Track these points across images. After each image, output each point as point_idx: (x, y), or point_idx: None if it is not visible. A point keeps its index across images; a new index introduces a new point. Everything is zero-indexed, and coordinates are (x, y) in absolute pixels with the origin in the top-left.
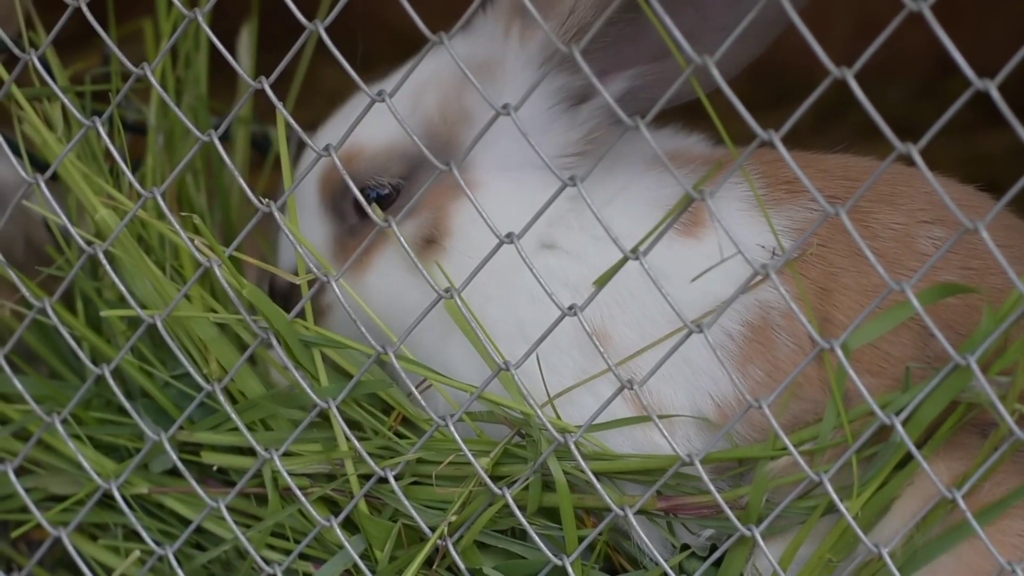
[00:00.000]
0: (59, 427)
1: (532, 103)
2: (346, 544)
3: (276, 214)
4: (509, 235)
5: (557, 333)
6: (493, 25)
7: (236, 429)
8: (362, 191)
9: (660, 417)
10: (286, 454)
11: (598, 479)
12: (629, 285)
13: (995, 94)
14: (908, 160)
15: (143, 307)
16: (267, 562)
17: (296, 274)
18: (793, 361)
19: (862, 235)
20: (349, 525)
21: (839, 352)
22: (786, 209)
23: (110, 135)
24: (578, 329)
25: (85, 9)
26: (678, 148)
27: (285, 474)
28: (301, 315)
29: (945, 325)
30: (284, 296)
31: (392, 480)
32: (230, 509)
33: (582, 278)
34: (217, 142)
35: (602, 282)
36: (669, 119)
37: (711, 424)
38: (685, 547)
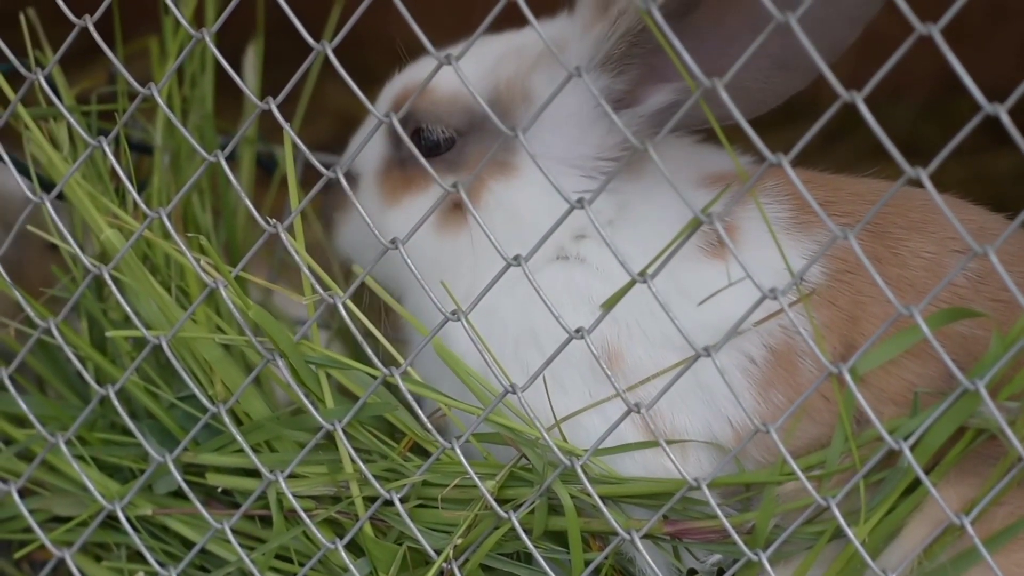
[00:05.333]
0: (63, 448)
1: (578, 100)
2: (351, 567)
3: (283, 235)
4: (516, 257)
5: (569, 350)
6: (579, 17)
7: (241, 451)
8: (417, 130)
9: (674, 442)
10: (291, 476)
11: (604, 503)
12: (651, 304)
13: (1005, 118)
14: (918, 184)
15: (148, 328)
16: None
17: None
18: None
19: (892, 263)
20: (354, 548)
21: (847, 377)
22: (816, 233)
23: (116, 155)
24: (593, 345)
25: (92, 28)
26: (723, 168)
27: (290, 496)
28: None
29: (974, 359)
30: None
31: (397, 502)
32: (235, 531)
33: (606, 298)
34: (224, 163)
35: (610, 304)
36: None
37: (723, 450)
38: (692, 572)
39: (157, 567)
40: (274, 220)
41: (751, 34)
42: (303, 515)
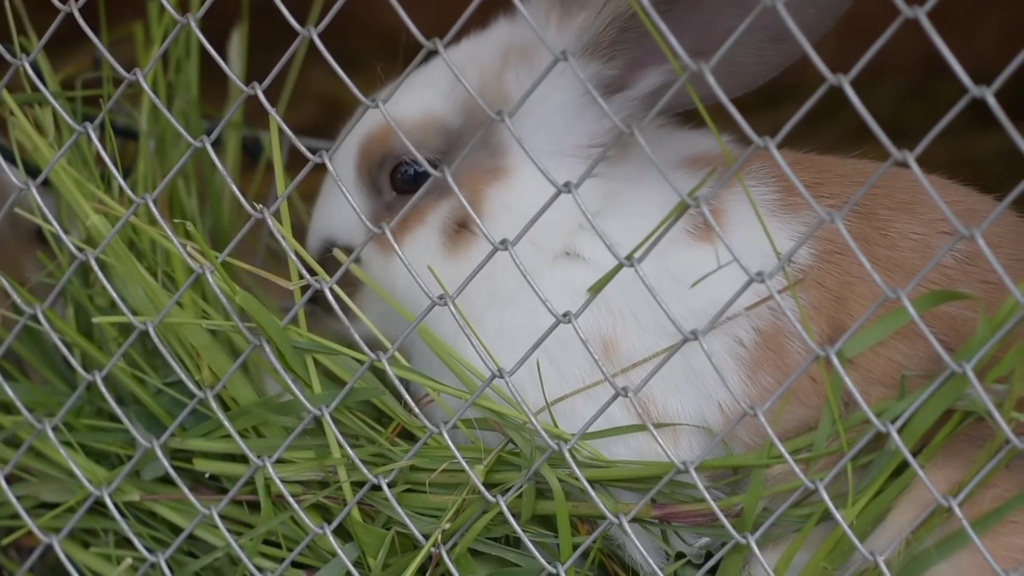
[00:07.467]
0: (50, 434)
1: (567, 89)
2: (339, 552)
3: (269, 220)
4: (503, 241)
5: (568, 339)
6: (536, 11)
7: (228, 436)
8: (397, 167)
9: (663, 426)
10: (279, 461)
11: (592, 487)
12: (644, 292)
13: (991, 101)
14: (904, 166)
15: (135, 313)
16: (260, 570)
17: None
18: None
19: (881, 244)
20: (342, 532)
21: (834, 359)
22: (804, 215)
23: (101, 140)
24: (589, 336)
25: (77, 14)
26: (703, 150)
27: (278, 481)
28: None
29: (963, 340)
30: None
31: (385, 487)
32: (222, 516)
33: (602, 293)
34: (210, 149)
35: (596, 289)
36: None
37: (714, 434)
38: (680, 555)
39: (145, 553)
40: (260, 205)
41: (733, 9)
42: (291, 500)
